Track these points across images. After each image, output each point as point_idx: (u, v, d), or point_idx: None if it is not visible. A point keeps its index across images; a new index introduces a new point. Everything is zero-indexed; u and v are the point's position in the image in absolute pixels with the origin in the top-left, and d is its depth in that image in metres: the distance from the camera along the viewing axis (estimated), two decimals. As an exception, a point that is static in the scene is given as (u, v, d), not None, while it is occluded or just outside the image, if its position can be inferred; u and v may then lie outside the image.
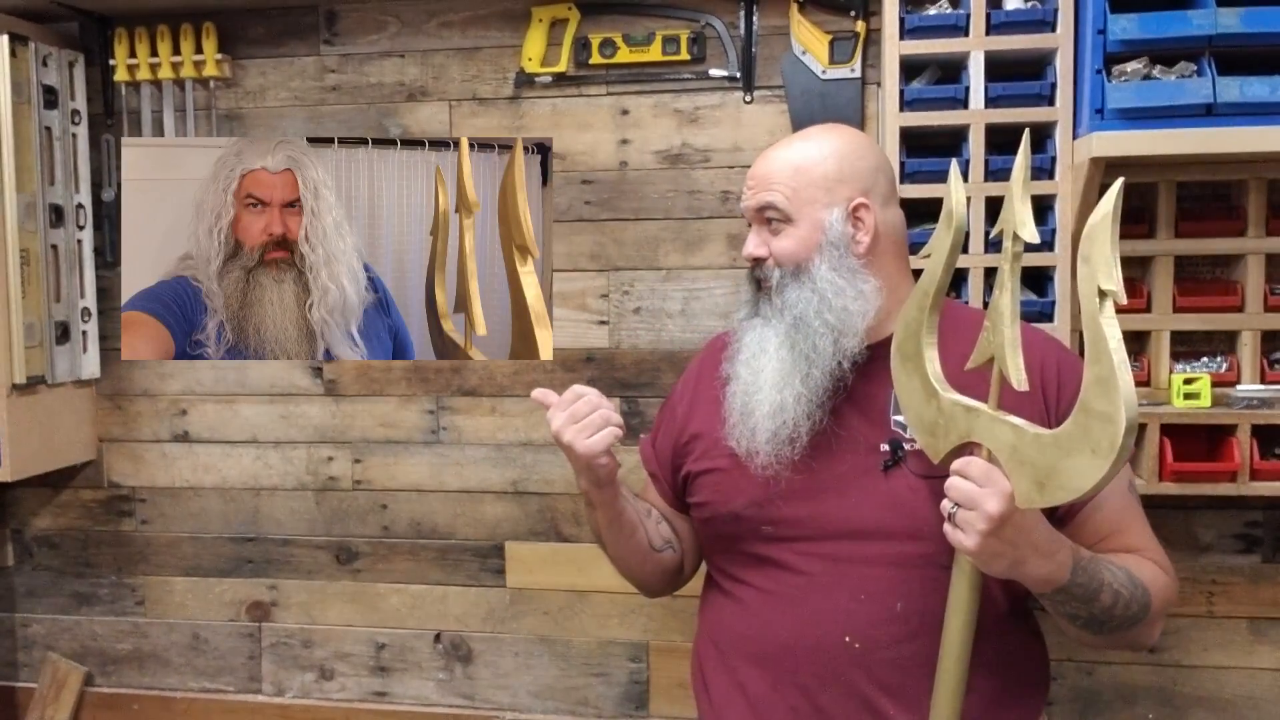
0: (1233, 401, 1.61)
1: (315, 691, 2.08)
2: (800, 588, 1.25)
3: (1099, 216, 0.93)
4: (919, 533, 1.20)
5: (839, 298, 1.25)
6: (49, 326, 1.95)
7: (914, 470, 1.23)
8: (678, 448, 1.40)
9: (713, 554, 1.40)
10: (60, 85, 1.96)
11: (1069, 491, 0.97)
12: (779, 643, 1.26)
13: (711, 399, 1.35)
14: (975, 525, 1.04)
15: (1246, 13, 1.45)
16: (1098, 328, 0.93)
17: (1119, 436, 0.91)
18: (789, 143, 1.33)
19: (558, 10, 1.87)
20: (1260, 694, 1.80)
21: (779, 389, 1.24)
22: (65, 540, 2.16)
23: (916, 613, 1.21)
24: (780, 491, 1.26)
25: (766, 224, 1.29)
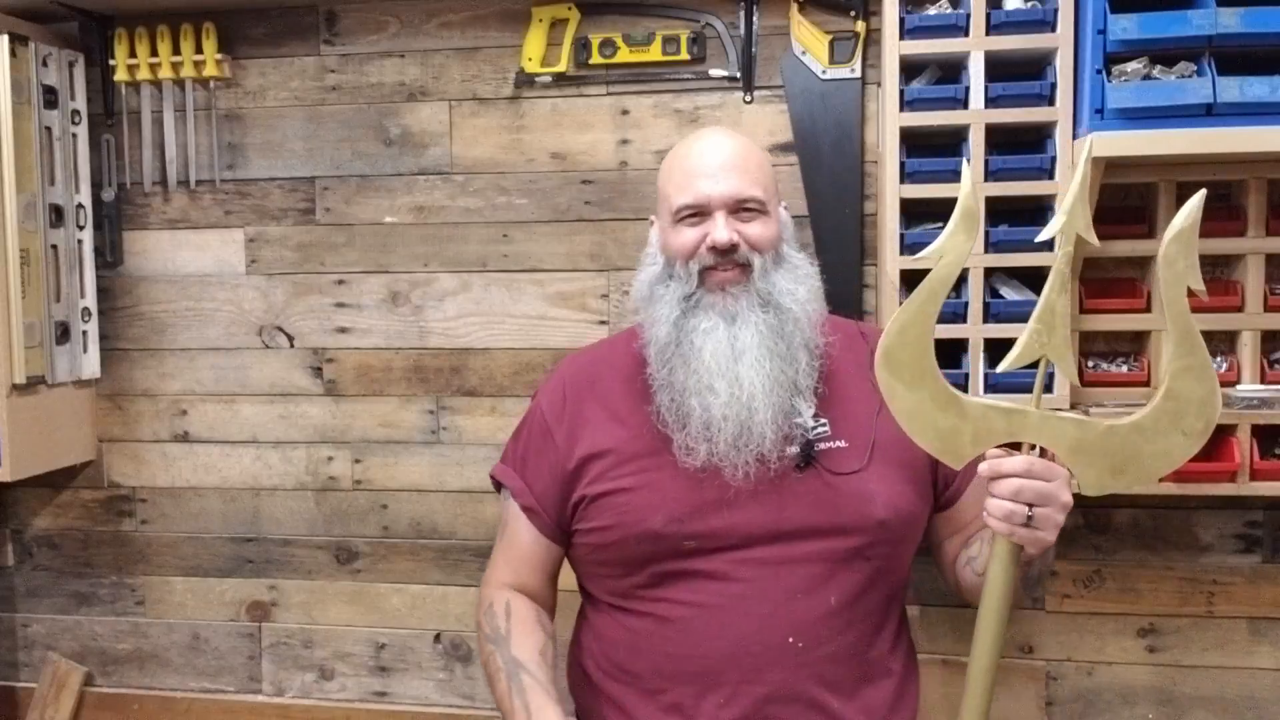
0: (1233, 401, 1.61)
1: (315, 691, 2.08)
2: (735, 596, 1.23)
3: (1187, 223, 1.00)
4: (844, 527, 1.23)
5: (814, 291, 1.29)
6: (49, 326, 1.95)
7: (827, 468, 1.24)
8: (564, 476, 1.33)
9: (609, 578, 1.33)
10: (60, 85, 1.96)
11: (1151, 473, 1.07)
12: (718, 655, 1.23)
13: (601, 418, 1.32)
14: (1054, 518, 1.09)
15: (1246, 13, 1.45)
16: (1189, 323, 1.02)
17: (1214, 416, 1.05)
18: (729, 137, 1.32)
19: (558, 10, 1.87)
20: (1260, 694, 1.80)
21: (768, 393, 1.22)
22: (65, 540, 2.16)
23: (849, 605, 1.24)
24: (701, 504, 1.24)
25: (735, 214, 1.26)
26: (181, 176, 2.03)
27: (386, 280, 1.99)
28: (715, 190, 1.26)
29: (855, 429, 1.29)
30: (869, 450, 1.27)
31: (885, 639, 1.30)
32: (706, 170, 1.27)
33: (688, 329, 1.25)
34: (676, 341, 1.25)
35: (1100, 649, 1.83)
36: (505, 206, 1.94)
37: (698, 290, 1.26)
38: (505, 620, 1.34)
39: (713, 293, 1.26)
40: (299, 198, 2.01)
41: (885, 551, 1.27)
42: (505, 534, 1.41)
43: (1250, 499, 1.72)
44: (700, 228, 1.27)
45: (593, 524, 1.30)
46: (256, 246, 2.03)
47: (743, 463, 1.22)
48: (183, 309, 2.07)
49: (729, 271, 1.26)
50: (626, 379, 1.34)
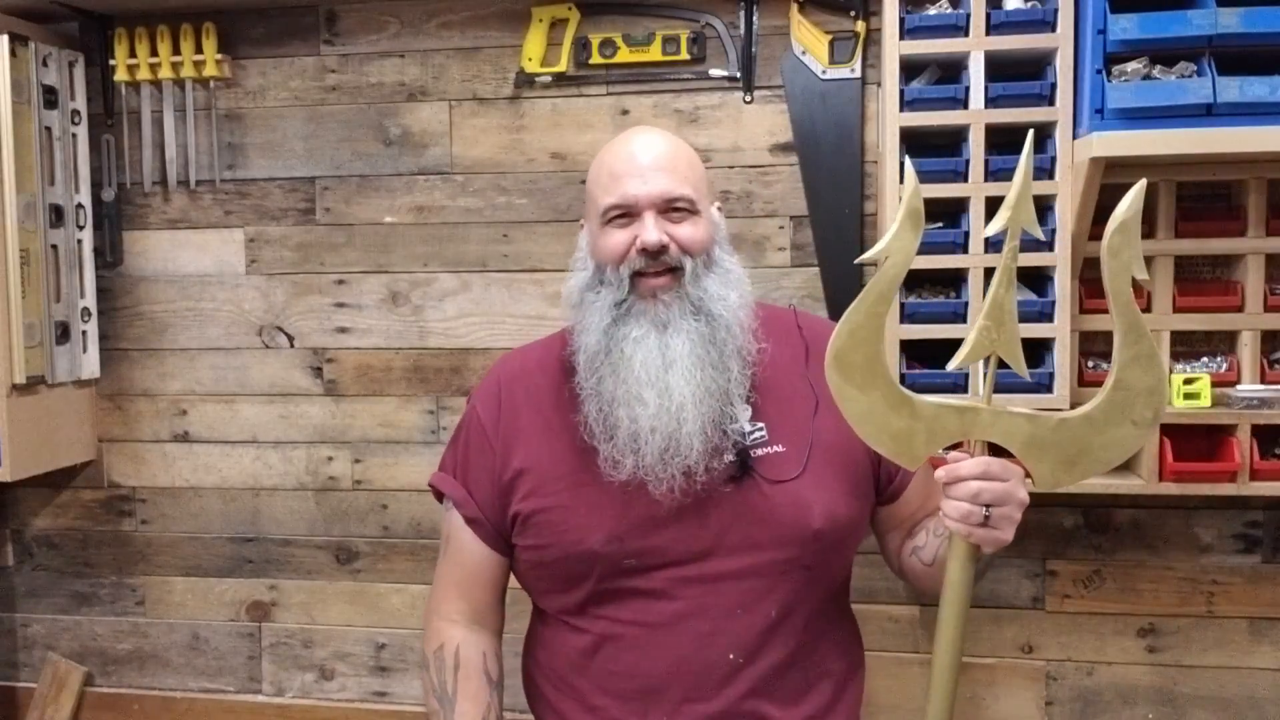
0: (1233, 401, 1.61)
1: (315, 691, 2.08)
2: (675, 614, 1.21)
3: (1130, 213, 1.00)
4: (780, 539, 1.21)
5: (745, 295, 1.24)
6: (49, 326, 1.95)
7: (763, 476, 1.22)
8: (501, 485, 1.28)
9: (550, 594, 1.30)
10: (60, 85, 1.96)
11: (1104, 464, 1.07)
12: (659, 674, 1.22)
13: (535, 428, 1.28)
14: (1012, 517, 1.09)
15: (1246, 13, 1.45)
16: (1134, 313, 1.03)
17: (1162, 405, 1.05)
18: (658, 136, 1.28)
19: (558, 10, 1.87)
20: (1260, 694, 1.80)
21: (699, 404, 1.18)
22: (65, 540, 2.16)
23: (788, 616, 1.23)
24: (638, 521, 1.21)
25: (665, 214, 1.22)
26: (181, 176, 2.03)
27: (386, 280, 1.99)
28: (643, 190, 1.21)
29: (793, 430, 1.26)
30: (806, 453, 1.24)
31: (827, 641, 1.29)
32: (634, 170, 1.22)
33: (618, 337, 1.21)
34: (606, 350, 1.21)
35: (1100, 649, 1.83)
36: (505, 206, 1.94)
37: (629, 297, 1.22)
38: (453, 675, 1.29)
39: (644, 300, 1.22)
40: (299, 198, 2.01)
41: (823, 559, 1.25)
42: (450, 550, 1.35)
43: (1250, 499, 1.72)
44: (629, 229, 1.22)
45: (529, 541, 1.27)
46: (256, 246, 2.03)
47: (669, 476, 1.18)
48: (183, 309, 2.07)
49: (660, 278, 1.22)
50: (557, 387, 1.29)
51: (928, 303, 1.67)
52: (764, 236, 1.86)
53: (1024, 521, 1.82)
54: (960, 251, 1.63)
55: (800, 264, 1.82)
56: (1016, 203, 1.05)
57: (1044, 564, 1.83)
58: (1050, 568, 1.83)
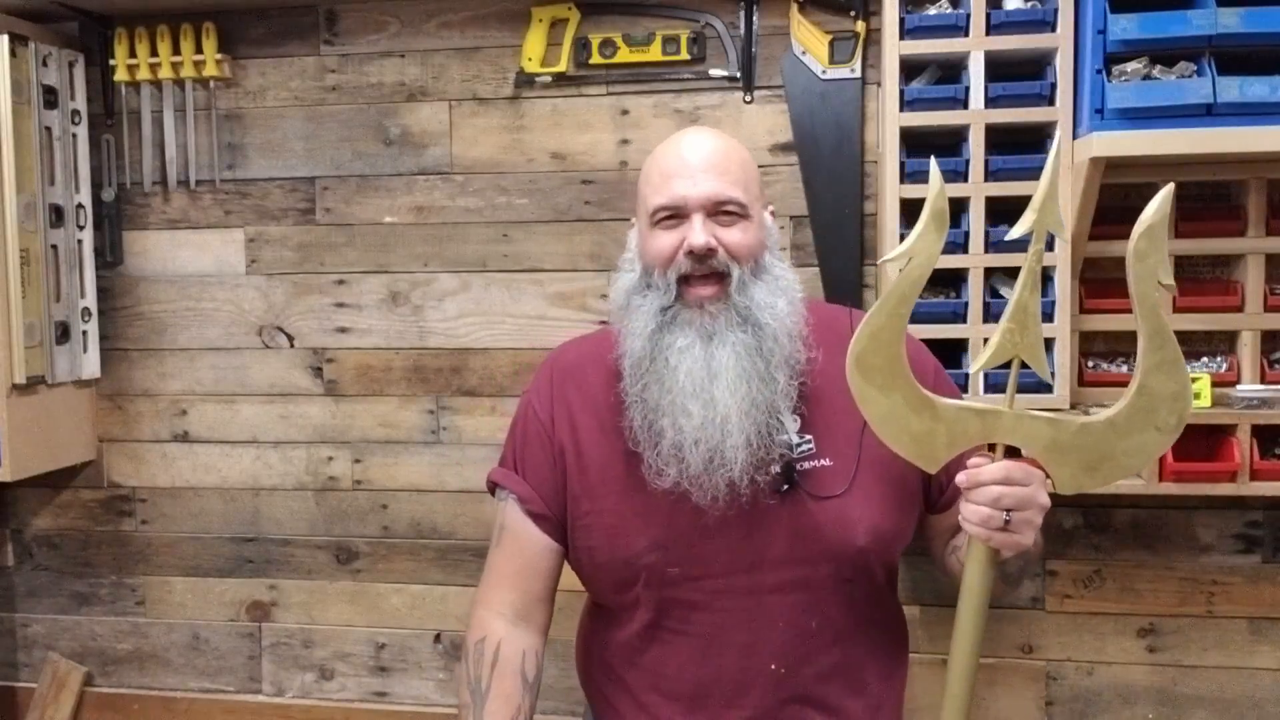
0: (1233, 401, 1.61)
1: (315, 691, 2.08)
2: (717, 625, 1.22)
3: (1157, 218, 1.00)
4: (822, 555, 1.21)
5: (795, 302, 1.22)
6: (49, 326, 1.95)
7: (809, 492, 1.21)
8: (560, 479, 1.28)
9: (605, 592, 1.31)
10: (60, 85, 1.96)
11: (1125, 469, 1.07)
12: (700, 681, 1.23)
13: (589, 425, 1.27)
14: (1033, 521, 1.08)
15: (1246, 13, 1.45)
16: (1160, 318, 1.03)
17: (1187, 411, 1.05)
18: (710, 136, 1.25)
19: (558, 10, 1.87)
20: (1260, 694, 1.80)
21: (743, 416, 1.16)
22: (65, 540, 2.16)
23: (831, 627, 1.23)
24: (683, 531, 1.21)
25: (714, 216, 1.20)
26: (181, 176, 2.03)
27: (386, 280, 1.99)
28: (692, 191, 1.19)
29: (842, 443, 1.24)
30: (854, 468, 1.23)
31: (869, 647, 1.28)
32: (684, 171, 1.20)
33: (663, 345, 1.19)
34: (651, 358, 1.19)
35: (1100, 649, 1.83)
36: (505, 206, 1.94)
37: (675, 304, 1.20)
38: (489, 671, 1.27)
39: (690, 308, 1.20)
40: (299, 198, 2.01)
41: (867, 573, 1.25)
42: (504, 540, 1.33)
43: (1250, 499, 1.72)
44: (677, 231, 1.20)
45: (582, 543, 1.28)
46: (256, 246, 2.03)
47: (713, 487, 1.16)
48: (183, 309, 2.07)
49: (707, 287, 1.19)
50: (608, 386, 1.28)
51: (927, 302, 1.67)
52: (764, 236, 1.86)
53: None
54: (960, 251, 1.64)
55: (800, 264, 1.82)
56: (1043, 205, 1.03)
57: (1044, 564, 1.83)
58: (1050, 568, 1.83)
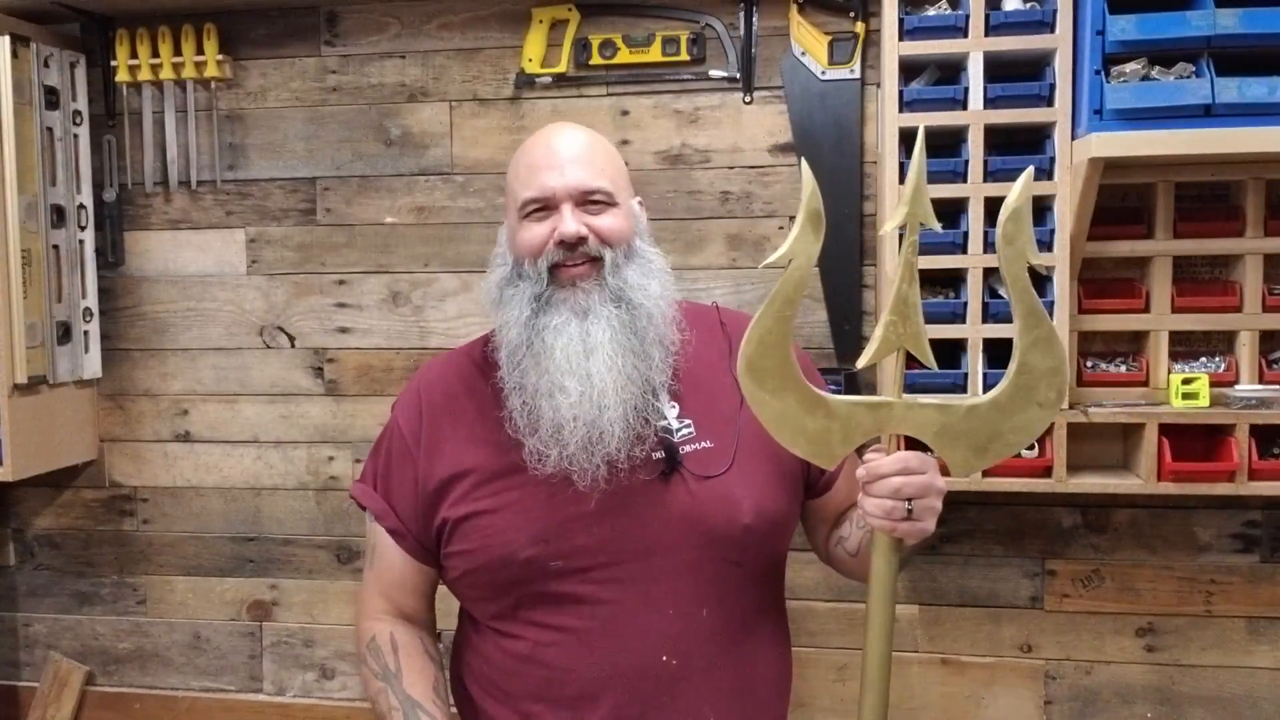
0: (1231, 401, 1.62)
1: (316, 691, 2.09)
2: (605, 618, 1.19)
3: (1021, 200, 1.03)
4: (710, 537, 1.21)
5: (667, 285, 1.24)
6: (50, 327, 1.95)
7: (692, 472, 1.21)
8: (426, 496, 1.26)
9: (479, 601, 1.28)
10: (62, 86, 1.96)
11: (1013, 446, 1.10)
12: (591, 680, 1.20)
13: (459, 436, 1.26)
14: (934, 507, 1.10)
15: (1245, 13, 1.45)
16: (1032, 297, 1.05)
17: (1064, 386, 1.08)
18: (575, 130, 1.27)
19: (558, 11, 1.87)
20: (1258, 693, 1.80)
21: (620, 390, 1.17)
22: (67, 540, 2.16)
23: (723, 614, 1.22)
24: (564, 522, 1.19)
25: (582, 206, 1.21)
26: (183, 177, 2.04)
27: (387, 280, 2.00)
28: (560, 182, 1.20)
29: (720, 426, 1.25)
30: (734, 448, 1.23)
31: (761, 640, 1.27)
32: (552, 162, 1.22)
33: (539, 327, 1.20)
34: (528, 342, 1.20)
35: (1099, 648, 1.84)
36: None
37: (548, 288, 1.21)
38: (393, 655, 1.28)
39: (564, 289, 1.21)
40: (300, 198, 2.02)
41: (754, 554, 1.24)
42: (374, 557, 1.33)
43: (1249, 499, 1.72)
44: (547, 222, 1.21)
45: (457, 548, 1.24)
46: (257, 247, 2.04)
47: (593, 467, 1.16)
48: (184, 309, 2.07)
49: (579, 266, 1.21)
50: (478, 390, 1.28)
51: (927, 303, 1.67)
52: (763, 237, 1.87)
53: (1022, 521, 1.84)
54: (959, 252, 1.64)
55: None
56: (913, 197, 1.05)
57: (1043, 563, 1.84)
58: (1049, 567, 1.84)
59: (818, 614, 1.87)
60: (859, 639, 1.86)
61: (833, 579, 1.39)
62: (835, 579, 1.39)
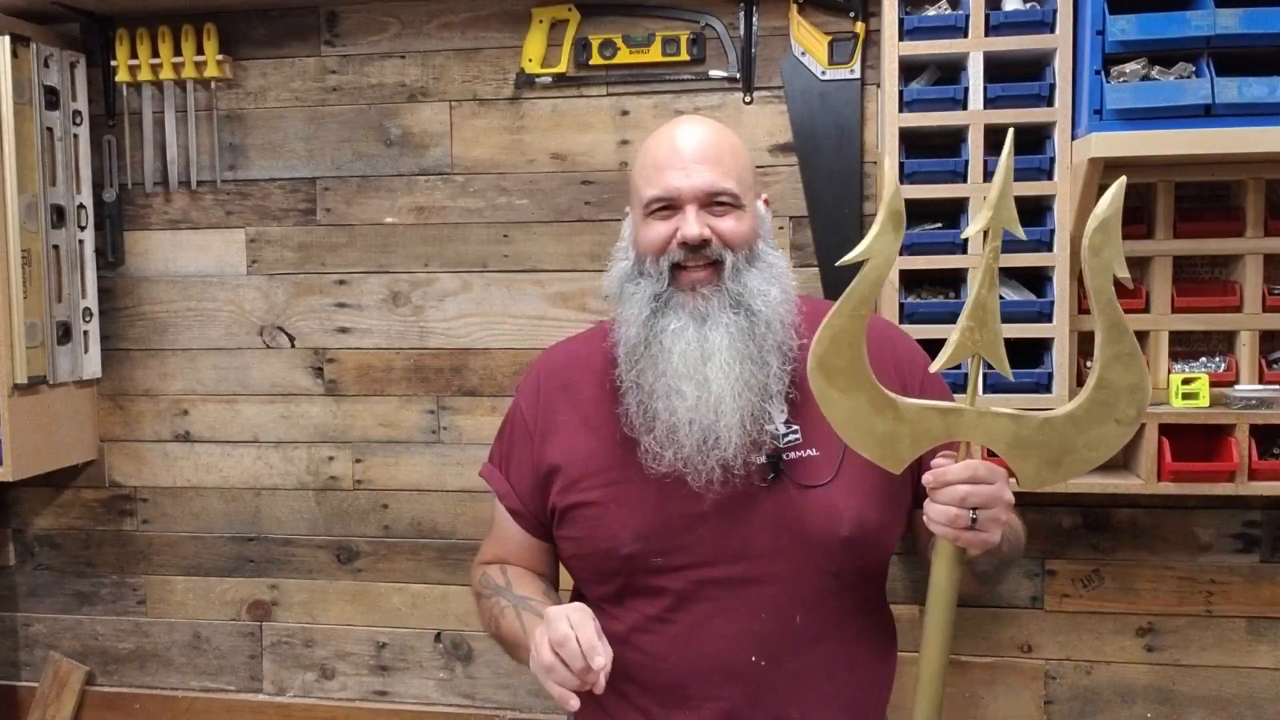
0: (1231, 401, 1.62)
1: (316, 691, 2.09)
2: (699, 615, 1.21)
3: (1110, 211, 1.00)
4: (807, 546, 1.21)
5: (788, 290, 1.23)
6: (50, 327, 1.95)
7: (794, 480, 1.21)
8: (540, 478, 1.30)
9: (588, 583, 1.31)
10: (62, 86, 1.96)
11: (1088, 462, 1.07)
12: (682, 672, 1.22)
13: (572, 423, 1.28)
14: (999, 519, 1.08)
15: (1245, 13, 1.45)
16: (1117, 311, 1.02)
17: (1145, 403, 1.05)
18: (703, 126, 1.26)
19: (558, 11, 1.87)
20: (1259, 693, 1.80)
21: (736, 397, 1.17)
22: (67, 540, 2.16)
23: (815, 621, 1.22)
24: (667, 521, 1.21)
25: (707, 207, 1.21)
26: (183, 177, 2.04)
27: (387, 280, 2.00)
28: (686, 183, 1.20)
29: (828, 435, 1.20)
30: (840, 458, 1.22)
31: (855, 648, 1.27)
32: (678, 162, 1.21)
33: (657, 329, 1.20)
34: (646, 342, 1.20)
35: (1099, 648, 1.84)
36: (505, 207, 1.95)
37: (668, 289, 1.21)
38: (503, 576, 1.33)
39: (683, 292, 1.21)
40: (300, 198, 2.02)
41: (854, 566, 1.23)
42: (494, 532, 1.40)
43: (1249, 499, 1.72)
44: (671, 222, 1.21)
45: (566, 533, 1.28)
46: (257, 247, 2.04)
47: (707, 469, 1.17)
48: (184, 309, 2.07)
49: (700, 271, 1.21)
50: (598, 380, 1.29)
51: (927, 303, 1.67)
52: (764, 237, 1.86)
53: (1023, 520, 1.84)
54: (960, 252, 1.64)
55: (800, 264, 1.83)
56: (998, 202, 1.03)
57: (1043, 563, 1.84)
58: (1049, 567, 1.84)
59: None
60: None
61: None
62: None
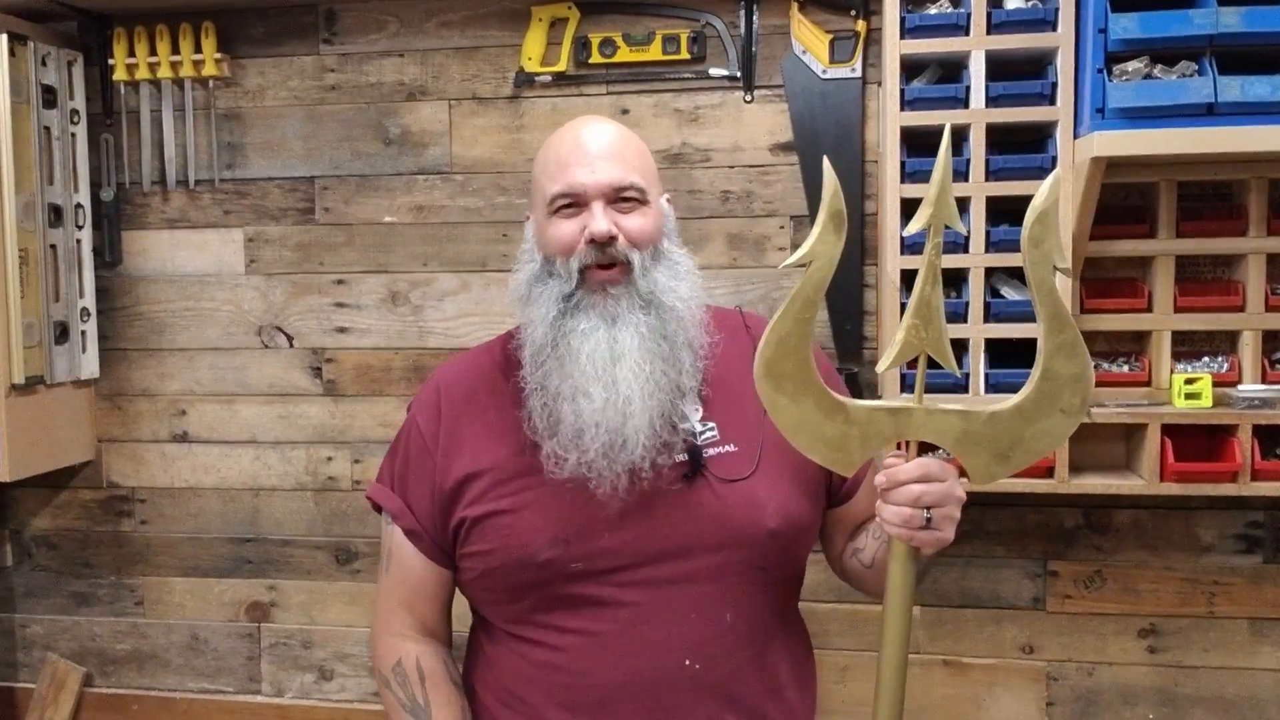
0: (1234, 401, 1.61)
1: (314, 692, 2.08)
2: (627, 621, 1.17)
3: (1048, 203, 1.00)
4: (733, 540, 1.19)
5: (696, 287, 1.22)
6: (48, 326, 1.94)
7: (715, 476, 1.19)
8: (442, 495, 1.24)
9: (495, 604, 1.25)
10: (59, 85, 1.95)
11: (1035, 454, 1.07)
12: (612, 684, 1.18)
13: (477, 434, 1.24)
14: (953, 516, 1.08)
15: (1248, 12, 1.45)
16: (1058, 301, 1.02)
17: (1089, 393, 1.04)
18: (606, 124, 1.24)
19: (557, 9, 1.87)
20: (1261, 695, 1.80)
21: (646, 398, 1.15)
22: (64, 540, 2.15)
23: (746, 619, 1.20)
24: (584, 524, 1.17)
25: (613, 204, 1.19)
26: (180, 176, 2.03)
27: (386, 280, 1.99)
28: (591, 179, 1.17)
29: (744, 430, 1.23)
30: (758, 453, 1.22)
31: (782, 645, 1.26)
32: (583, 159, 1.19)
33: (565, 330, 1.18)
34: (553, 343, 1.18)
35: (1101, 649, 1.83)
36: (505, 206, 1.94)
37: (578, 291, 1.18)
38: (421, 688, 1.25)
39: (593, 293, 1.18)
40: (298, 197, 2.01)
41: (779, 560, 1.22)
42: (391, 564, 1.30)
43: (1251, 499, 1.71)
44: (578, 219, 1.18)
45: (474, 548, 1.22)
46: (255, 246, 2.03)
47: (613, 475, 1.15)
48: (182, 309, 2.07)
49: (609, 270, 1.18)
50: (498, 389, 1.26)
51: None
52: (764, 236, 1.86)
53: (1024, 521, 1.84)
54: (961, 251, 1.63)
55: (800, 264, 1.82)
56: (937, 199, 1.02)
57: (1045, 564, 1.83)
58: (1051, 568, 1.83)
59: (820, 615, 1.87)
60: (861, 640, 1.88)
61: (835, 580, 1.39)
62: (838, 580, 1.38)
